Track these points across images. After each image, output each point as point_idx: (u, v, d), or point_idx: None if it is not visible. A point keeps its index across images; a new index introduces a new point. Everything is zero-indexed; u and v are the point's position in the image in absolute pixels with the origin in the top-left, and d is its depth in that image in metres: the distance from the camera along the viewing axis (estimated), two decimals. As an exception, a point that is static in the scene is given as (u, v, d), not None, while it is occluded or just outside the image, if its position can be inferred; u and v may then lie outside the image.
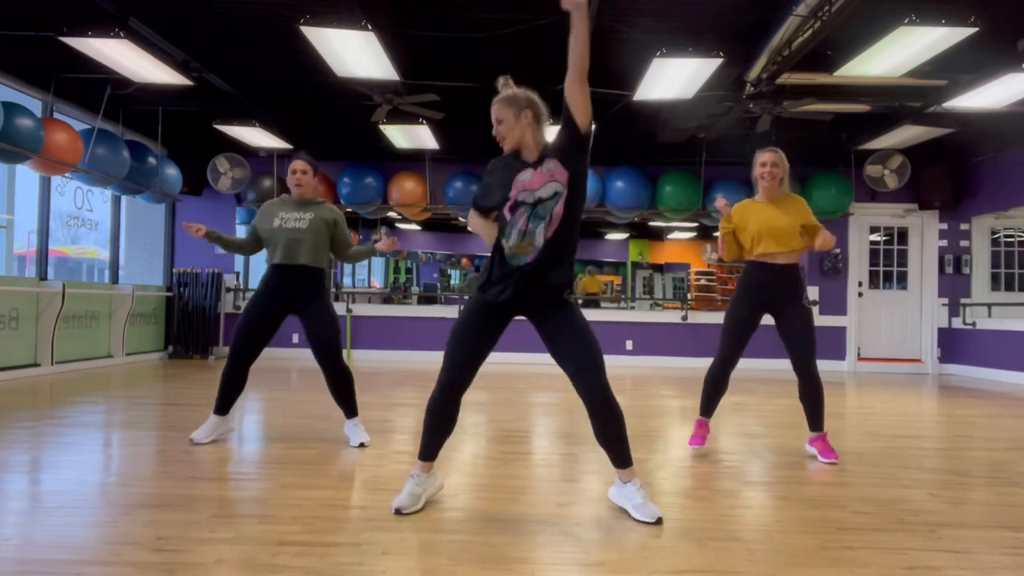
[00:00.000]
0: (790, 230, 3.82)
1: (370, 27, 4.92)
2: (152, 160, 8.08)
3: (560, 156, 2.74)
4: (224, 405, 4.02)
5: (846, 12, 4.69)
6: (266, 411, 5.23)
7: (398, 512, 2.73)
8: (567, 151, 2.75)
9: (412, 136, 7.86)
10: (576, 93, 2.77)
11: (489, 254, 2.84)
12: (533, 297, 2.77)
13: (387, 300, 14.28)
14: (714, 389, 3.99)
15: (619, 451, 2.81)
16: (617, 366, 9.19)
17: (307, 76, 6.42)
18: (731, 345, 3.91)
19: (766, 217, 3.83)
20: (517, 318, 2.86)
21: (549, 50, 5.92)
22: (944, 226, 9.59)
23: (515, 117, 2.75)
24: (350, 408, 4.09)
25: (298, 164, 4.04)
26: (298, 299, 3.95)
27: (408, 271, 18.96)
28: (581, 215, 2.80)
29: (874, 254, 9.80)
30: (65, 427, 4.37)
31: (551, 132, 2.88)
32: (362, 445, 3.97)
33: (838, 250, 9.64)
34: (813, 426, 3.91)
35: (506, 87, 2.84)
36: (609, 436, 2.78)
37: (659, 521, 2.69)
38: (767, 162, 3.87)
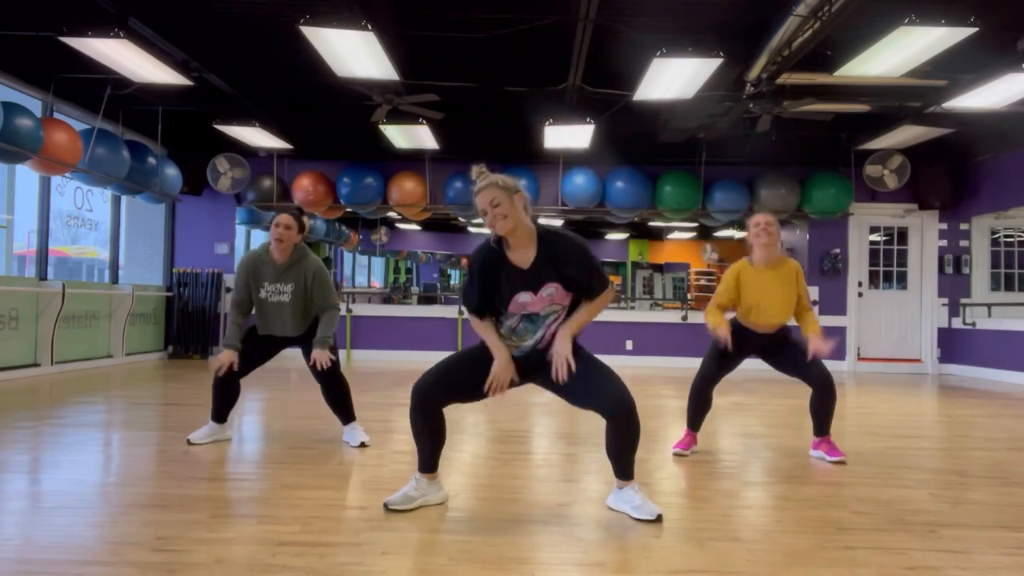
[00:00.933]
0: (786, 304, 3.78)
1: (370, 27, 4.92)
2: (152, 160, 8.08)
3: (564, 284, 2.74)
4: (219, 414, 4.00)
5: (846, 12, 4.69)
6: (266, 411, 5.23)
7: (385, 507, 2.76)
8: (572, 286, 2.75)
9: (412, 136, 7.86)
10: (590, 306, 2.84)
11: None
12: (529, 369, 2.83)
13: (387, 300, 14.28)
14: (698, 405, 3.97)
15: (627, 464, 2.81)
16: (617, 366, 9.14)
17: (307, 76, 6.42)
18: (714, 369, 3.93)
19: (762, 288, 3.78)
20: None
21: (549, 50, 5.93)
22: (944, 226, 9.59)
23: (510, 200, 2.66)
24: (347, 415, 4.08)
25: (283, 218, 3.84)
26: (295, 340, 4.01)
27: (408, 271, 18.96)
28: None
29: (874, 254, 9.80)
30: (65, 427, 4.37)
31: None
32: (363, 445, 3.96)
33: (837, 250, 9.64)
34: (818, 432, 3.89)
35: (484, 175, 2.71)
36: (622, 449, 2.78)
37: (659, 519, 2.70)
38: (760, 222, 3.78)
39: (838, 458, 3.78)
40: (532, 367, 2.83)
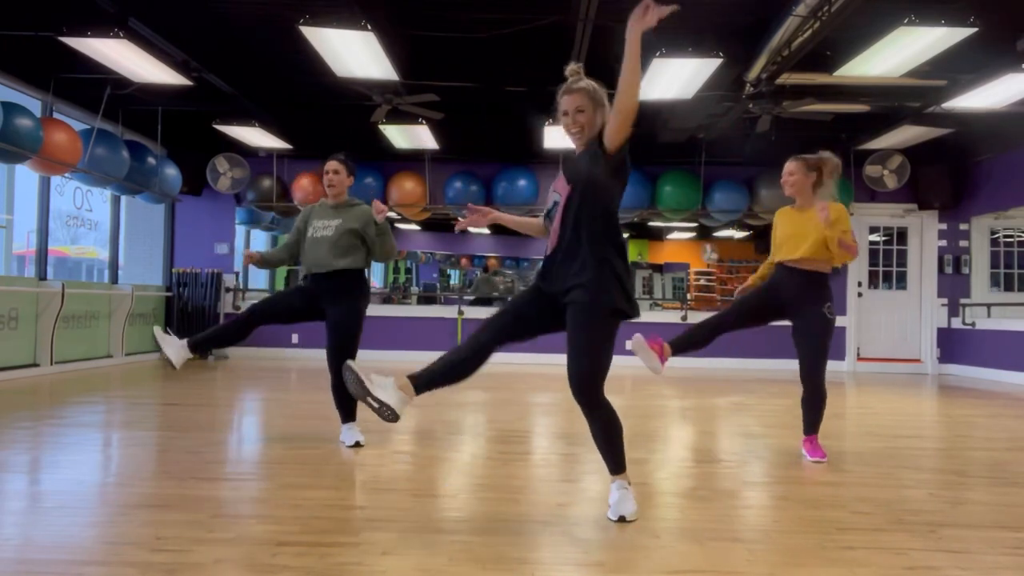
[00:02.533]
0: (809, 241, 3.74)
1: (370, 27, 4.92)
2: (152, 160, 8.08)
3: (567, 170, 2.76)
4: (204, 344, 3.95)
5: (845, 12, 4.69)
6: (266, 411, 5.23)
7: (348, 368, 2.69)
8: (585, 163, 2.73)
9: (412, 136, 7.86)
10: (611, 121, 2.72)
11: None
12: (554, 288, 2.72)
13: (387, 300, 14.27)
14: (697, 338, 4.05)
15: (607, 457, 2.76)
16: (617, 366, 9.15)
17: (307, 76, 6.42)
18: (730, 317, 3.96)
19: (793, 227, 3.85)
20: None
21: (549, 50, 5.93)
22: (943, 226, 9.59)
23: (593, 112, 2.68)
24: (348, 413, 4.07)
25: (331, 164, 4.03)
26: (325, 301, 3.97)
27: (407, 271, 18.96)
28: (596, 218, 2.67)
29: (874, 254, 9.80)
30: (64, 427, 4.37)
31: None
32: (357, 444, 3.94)
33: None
34: (807, 430, 3.89)
35: (580, 76, 2.74)
36: (596, 441, 2.77)
37: (620, 519, 2.65)
38: (785, 171, 3.89)
39: (817, 459, 3.76)
40: (557, 282, 2.71)
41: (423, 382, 2.66)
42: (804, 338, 3.78)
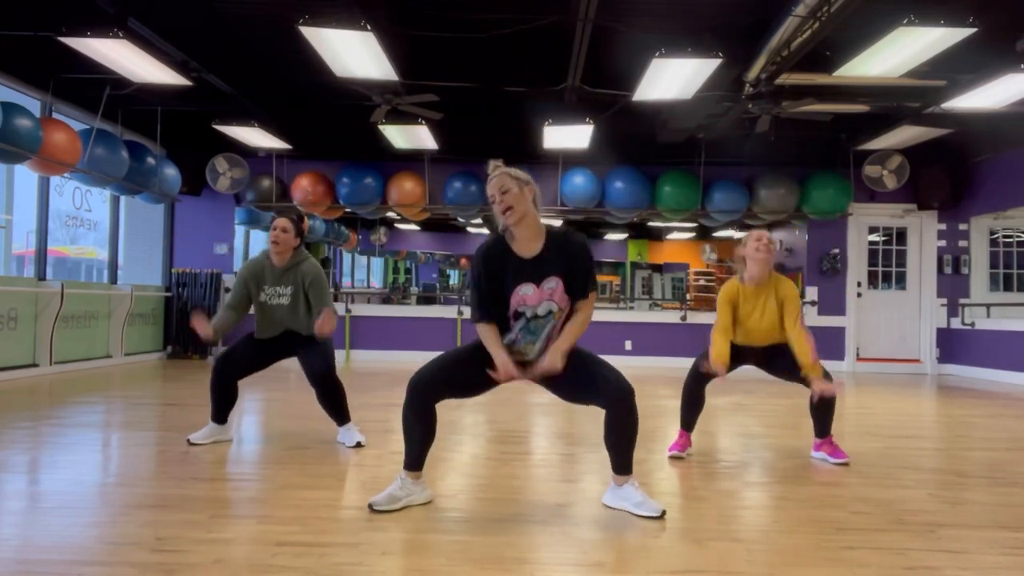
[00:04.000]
0: (773, 328, 3.73)
1: (369, 27, 4.92)
2: (151, 160, 8.08)
3: (564, 280, 2.74)
4: (219, 414, 4.00)
5: (845, 12, 4.69)
6: (265, 412, 5.23)
7: (370, 507, 2.74)
8: (572, 284, 2.76)
9: (411, 136, 7.85)
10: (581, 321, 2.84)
11: None
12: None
13: (386, 300, 14.29)
14: (691, 403, 3.91)
15: (626, 456, 2.83)
16: (616, 366, 9.17)
17: (306, 76, 6.42)
18: (700, 368, 3.87)
19: (754, 316, 3.73)
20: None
21: (548, 50, 5.93)
22: (943, 226, 9.60)
23: (520, 190, 2.71)
24: (342, 417, 4.06)
25: (279, 222, 3.91)
26: (292, 349, 4.01)
27: (407, 271, 18.96)
28: None
29: (873, 254, 9.81)
30: (64, 427, 4.37)
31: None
32: (358, 445, 3.95)
33: (836, 250, 9.65)
34: (820, 434, 3.86)
35: (498, 167, 2.77)
36: (622, 439, 2.80)
37: (663, 515, 2.71)
38: (763, 237, 3.71)
39: (841, 460, 3.75)
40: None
41: (419, 462, 2.85)
42: (792, 370, 3.73)
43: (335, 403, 4.03)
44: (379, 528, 2.58)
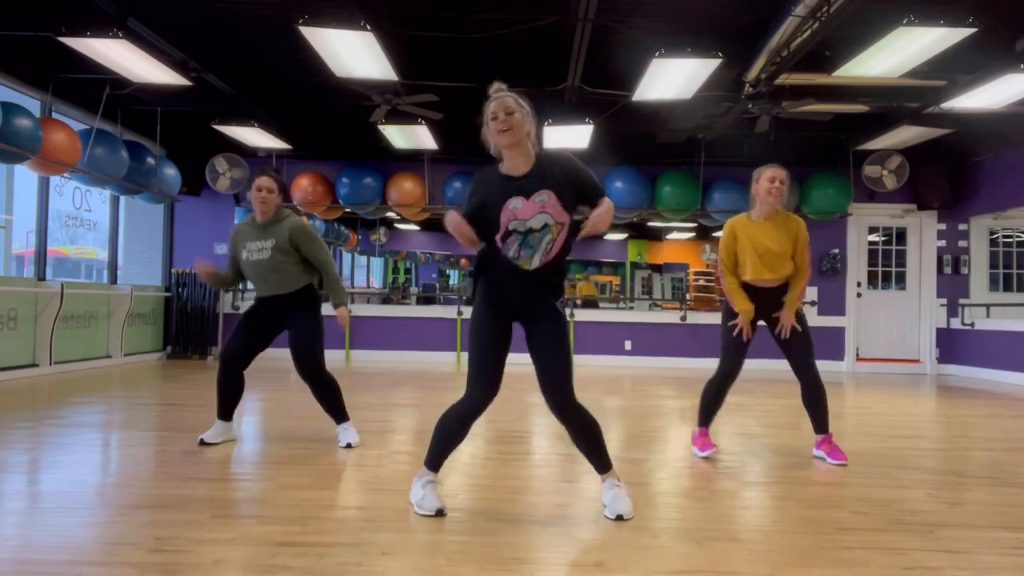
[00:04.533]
0: (784, 255, 3.72)
1: (369, 27, 4.92)
2: (151, 160, 8.08)
3: (560, 195, 2.70)
4: (225, 410, 4.00)
5: (844, 13, 4.70)
6: (265, 411, 5.23)
7: (440, 512, 2.73)
8: (569, 197, 2.73)
9: (411, 136, 7.86)
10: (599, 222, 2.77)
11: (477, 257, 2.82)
12: (531, 299, 2.78)
13: (386, 300, 14.28)
14: (714, 402, 3.91)
15: (594, 456, 2.82)
16: (616, 366, 9.20)
17: (306, 76, 6.42)
18: (733, 360, 3.83)
19: (760, 239, 3.72)
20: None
21: (548, 50, 5.94)
22: (942, 226, 9.60)
23: (522, 116, 2.68)
24: (339, 414, 4.07)
25: (263, 181, 3.86)
26: (282, 321, 3.98)
27: (407, 271, 18.97)
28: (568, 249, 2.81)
29: (873, 254, 9.81)
30: (64, 428, 4.37)
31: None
32: (348, 446, 3.94)
33: (836, 250, 9.65)
34: (818, 429, 3.87)
35: (502, 89, 2.77)
36: (580, 441, 2.81)
37: (619, 518, 2.69)
38: (776, 178, 3.69)
39: (840, 461, 3.76)
40: (533, 299, 2.78)
41: (441, 464, 2.87)
42: (786, 343, 3.77)
43: (330, 400, 4.03)
44: (379, 528, 2.58)
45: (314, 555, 2.29)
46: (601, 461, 2.82)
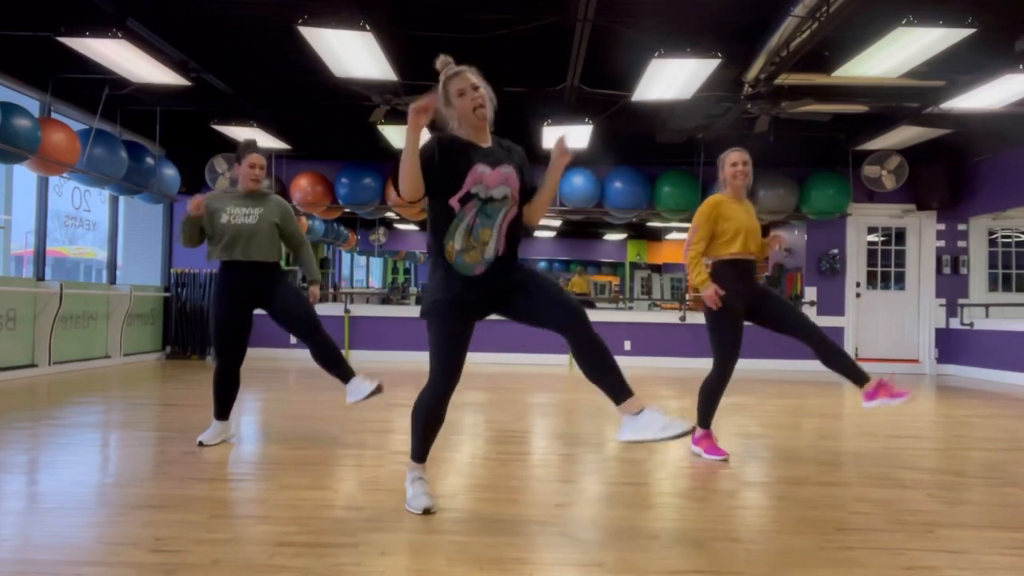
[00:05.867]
0: (756, 230, 3.95)
1: (368, 28, 4.92)
2: (150, 160, 8.07)
3: (520, 172, 2.75)
4: (222, 410, 3.99)
5: (844, 13, 4.70)
6: (264, 412, 5.23)
7: (427, 511, 2.73)
8: (523, 175, 2.77)
9: (410, 136, 7.84)
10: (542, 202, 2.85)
11: (430, 260, 2.77)
12: (491, 298, 2.73)
13: (385, 300, 14.27)
14: (712, 401, 3.89)
15: (619, 379, 2.62)
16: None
17: (305, 76, 6.42)
18: (726, 355, 3.81)
19: (744, 218, 3.89)
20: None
21: (547, 51, 5.94)
22: (942, 227, 9.60)
23: (486, 90, 2.70)
24: (343, 372, 4.00)
25: (257, 159, 4.00)
26: (258, 295, 3.93)
27: (406, 271, 18.97)
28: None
29: (872, 255, 9.82)
30: (63, 428, 4.37)
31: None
32: (378, 390, 3.91)
33: (835, 250, 9.65)
34: (860, 380, 3.69)
35: (452, 64, 2.73)
36: (600, 360, 2.62)
37: (693, 430, 2.65)
38: (738, 161, 3.92)
39: (902, 398, 3.56)
40: (497, 295, 2.71)
41: (427, 454, 2.88)
42: (786, 310, 3.80)
43: (332, 356, 3.97)
44: (378, 528, 2.58)
45: (313, 555, 2.29)
46: (623, 385, 2.62)
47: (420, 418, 2.80)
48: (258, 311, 3.96)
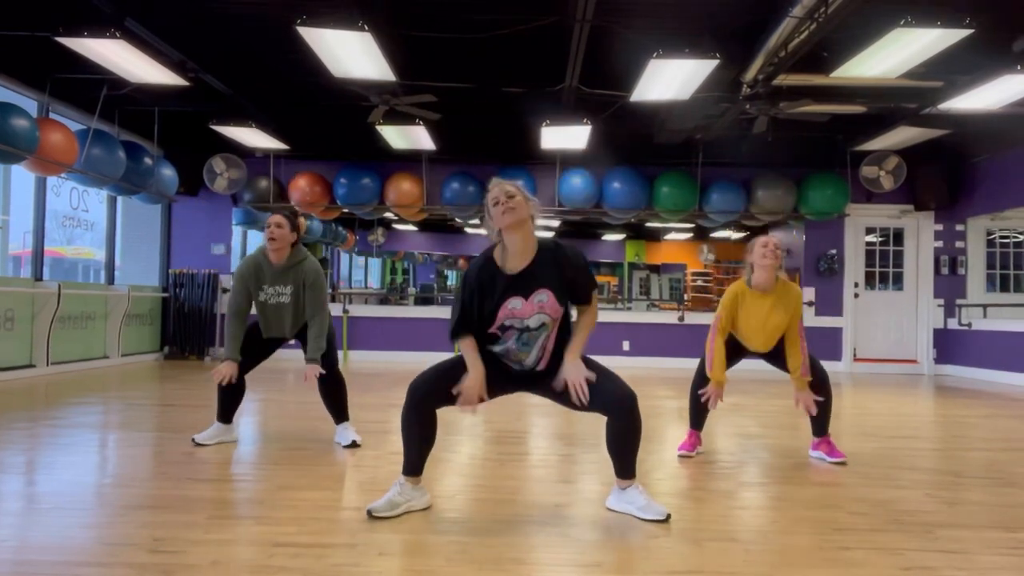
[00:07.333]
0: (777, 332, 3.72)
1: (367, 28, 4.92)
2: (148, 160, 8.07)
3: (556, 292, 2.72)
4: (225, 414, 3.99)
5: (842, 14, 4.70)
6: (263, 412, 5.23)
7: (369, 513, 2.70)
8: (563, 292, 2.75)
9: (409, 137, 7.85)
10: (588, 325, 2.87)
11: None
12: (536, 381, 2.85)
13: (384, 301, 14.27)
14: (700, 403, 3.88)
15: (629, 461, 2.81)
16: (614, 367, 9.13)
17: (304, 76, 6.41)
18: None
19: (760, 314, 3.71)
20: None
21: (546, 51, 5.94)
22: (940, 227, 9.61)
23: (524, 199, 2.69)
24: (340, 414, 4.07)
25: (273, 218, 3.85)
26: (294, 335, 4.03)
27: (405, 272, 18.96)
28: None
29: (870, 255, 9.82)
30: (61, 428, 4.36)
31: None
32: (354, 444, 3.94)
33: (834, 251, 9.66)
34: (818, 431, 3.86)
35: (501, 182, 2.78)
36: (625, 445, 2.78)
37: (668, 518, 2.71)
38: (769, 243, 3.67)
39: (838, 459, 3.77)
40: (530, 381, 2.85)
41: (419, 467, 2.83)
42: (779, 358, 3.80)
43: (337, 398, 4.05)
44: (377, 529, 2.58)
45: (312, 556, 2.29)
46: (632, 466, 2.82)
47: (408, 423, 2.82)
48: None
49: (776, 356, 3.85)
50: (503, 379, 2.82)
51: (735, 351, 3.85)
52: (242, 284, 3.88)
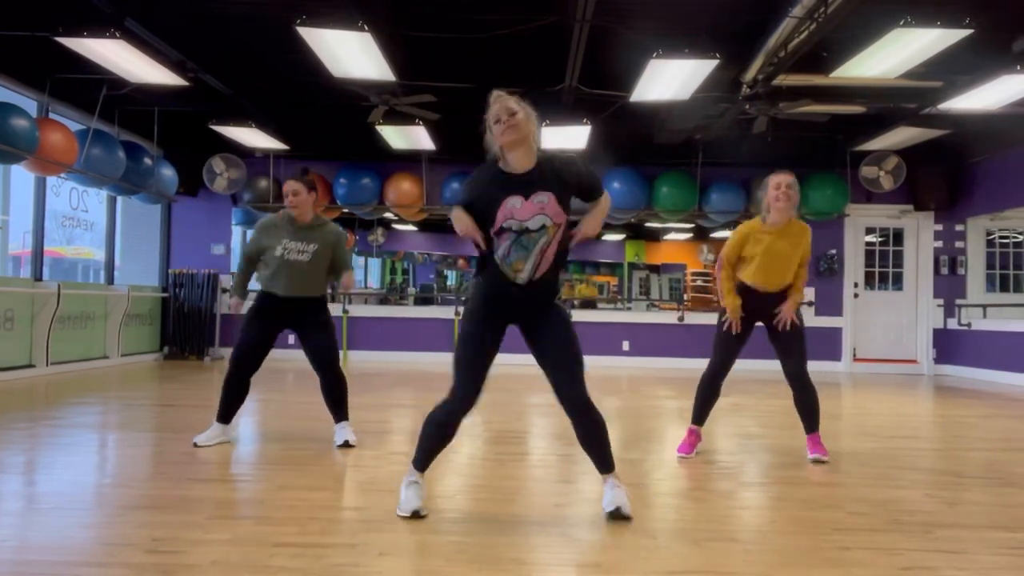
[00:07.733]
0: (790, 265, 3.77)
1: (367, 28, 4.92)
2: (148, 161, 8.07)
3: (559, 195, 2.69)
4: (226, 413, 3.99)
5: (842, 14, 4.70)
6: (262, 412, 5.22)
7: (416, 514, 2.68)
8: (566, 196, 2.73)
9: (408, 137, 7.85)
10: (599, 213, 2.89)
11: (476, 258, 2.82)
12: (527, 309, 2.80)
13: (384, 301, 14.27)
14: (706, 398, 3.91)
15: (601, 456, 2.80)
16: (614, 367, 9.19)
17: (303, 76, 6.41)
18: (723, 356, 3.85)
19: (770, 247, 3.74)
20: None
21: (546, 51, 5.94)
22: (939, 227, 9.61)
23: (526, 116, 2.68)
24: (339, 412, 4.08)
25: (289, 186, 3.91)
26: (295, 322, 4.02)
27: (404, 272, 18.95)
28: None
29: (870, 255, 9.83)
30: (61, 428, 4.36)
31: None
32: (346, 444, 3.93)
33: (833, 251, 9.66)
34: (806, 428, 3.87)
35: (503, 94, 2.76)
36: (591, 442, 2.80)
37: (617, 511, 2.67)
38: (782, 184, 3.72)
39: (818, 455, 3.75)
40: (528, 311, 2.81)
41: (429, 464, 2.83)
42: (783, 340, 3.79)
43: (338, 396, 4.06)
44: (377, 529, 2.58)
45: (311, 556, 2.29)
46: (606, 461, 2.80)
47: (429, 431, 2.79)
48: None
49: (777, 335, 3.82)
50: (503, 306, 2.78)
51: (737, 339, 3.83)
52: (262, 233, 3.97)
